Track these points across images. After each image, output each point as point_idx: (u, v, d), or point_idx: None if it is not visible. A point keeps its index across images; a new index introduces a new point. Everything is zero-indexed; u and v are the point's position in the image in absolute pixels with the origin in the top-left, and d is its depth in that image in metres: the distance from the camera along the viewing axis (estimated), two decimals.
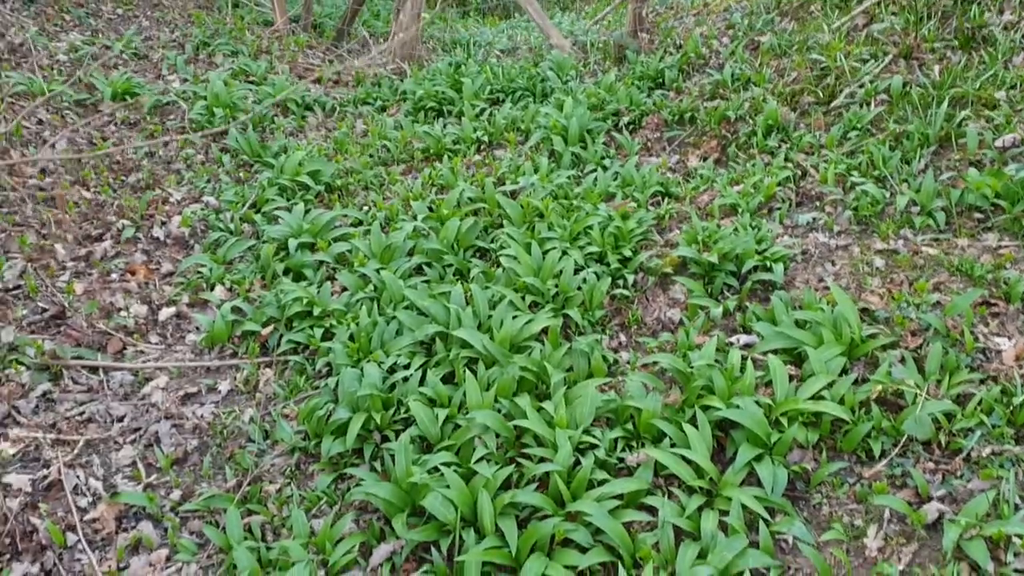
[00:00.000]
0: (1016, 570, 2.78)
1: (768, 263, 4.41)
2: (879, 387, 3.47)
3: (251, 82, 8.35)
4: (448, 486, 3.37)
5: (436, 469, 3.54)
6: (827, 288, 4.16)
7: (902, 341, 3.76)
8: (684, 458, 3.39)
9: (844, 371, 3.68)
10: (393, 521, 3.38)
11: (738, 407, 3.49)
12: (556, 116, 6.31)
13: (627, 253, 4.77)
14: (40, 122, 6.99)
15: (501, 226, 5.30)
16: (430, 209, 5.58)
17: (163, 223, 5.86)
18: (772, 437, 3.43)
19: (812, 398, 3.53)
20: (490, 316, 4.38)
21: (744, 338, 4.09)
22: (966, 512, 2.97)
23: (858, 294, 4.11)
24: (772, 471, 3.30)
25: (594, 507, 3.22)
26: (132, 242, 5.64)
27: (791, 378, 3.70)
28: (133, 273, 5.32)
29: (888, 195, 4.70)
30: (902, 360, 3.64)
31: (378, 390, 3.97)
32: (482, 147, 6.62)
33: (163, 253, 5.62)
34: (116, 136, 7.04)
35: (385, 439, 3.87)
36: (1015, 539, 2.85)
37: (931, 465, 3.28)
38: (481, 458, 3.55)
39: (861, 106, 5.49)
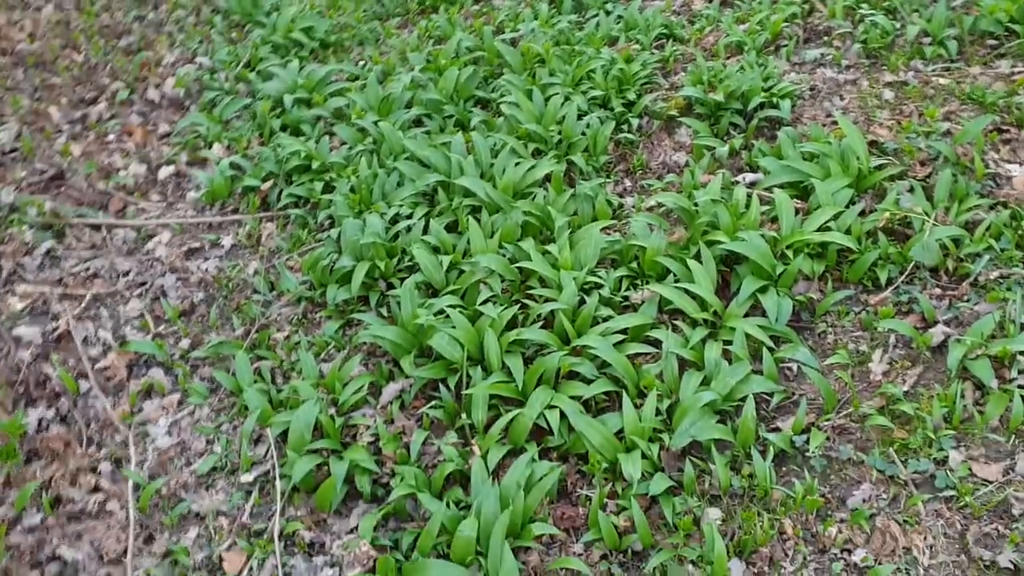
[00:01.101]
0: (1020, 386, 2.80)
1: (775, 100, 4.29)
2: (886, 215, 3.43)
3: None
4: (454, 327, 3.39)
5: (442, 312, 3.54)
6: (835, 123, 4.05)
7: (911, 171, 3.69)
8: (688, 293, 3.38)
9: (851, 203, 3.62)
10: (401, 361, 3.42)
11: (743, 240, 3.45)
12: None
13: (631, 97, 4.65)
14: None
15: (501, 75, 5.15)
16: (427, 60, 5.42)
17: (157, 85, 5.74)
18: (777, 269, 3.40)
19: (818, 229, 3.48)
20: (492, 164, 4.31)
21: (750, 176, 4.02)
22: (972, 333, 2.97)
23: (867, 127, 4.00)
24: (776, 301, 3.29)
25: (599, 341, 3.23)
26: (127, 104, 5.53)
27: (797, 212, 3.64)
28: (130, 134, 5.25)
29: (898, 26, 4.53)
30: (911, 189, 3.58)
31: (381, 239, 3.95)
32: None
33: (159, 114, 5.52)
34: (105, 1, 6.82)
35: (390, 287, 3.86)
36: (1020, 356, 2.86)
37: (938, 291, 3.26)
38: (486, 300, 3.55)
39: None
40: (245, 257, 4.31)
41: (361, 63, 5.76)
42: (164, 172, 4.91)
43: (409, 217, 4.14)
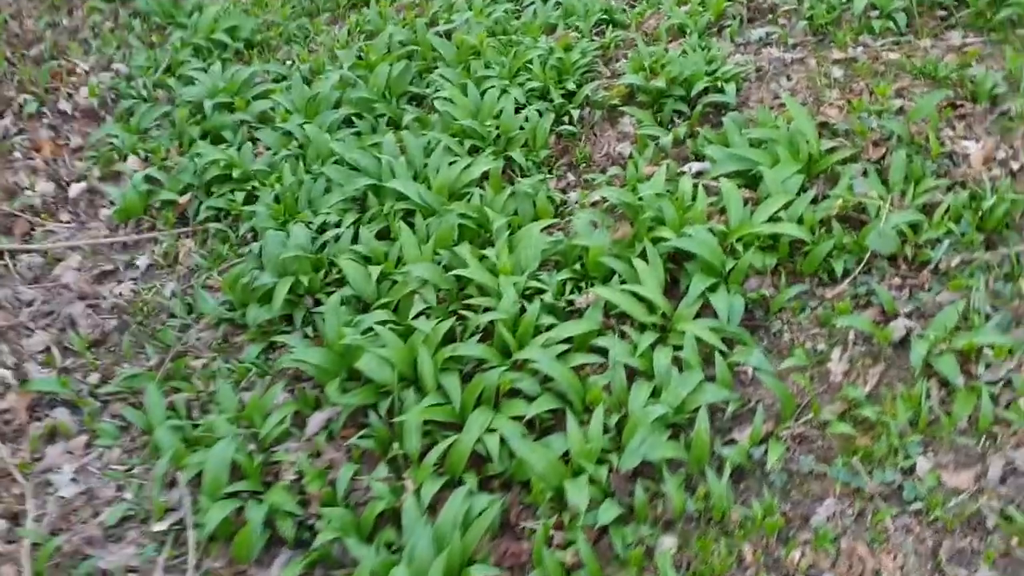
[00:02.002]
0: (988, 382, 2.59)
1: (719, 84, 4.06)
2: (839, 202, 3.20)
3: None
4: (384, 345, 3.12)
5: (371, 329, 3.27)
6: (783, 105, 3.82)
7: (864, 153, 3.47)
8: (636, 295, 3.14)
9: (802, 190, 3.39)
10: (327, 387, 3.14)
11: (690, 236, 3.22)
12: None
13: (571, 87, 4.40)
14: None
15: (436, 69, 4.87)
16: (358, 57, 5.13)
17: (70, 95, 5.36)
18: (727, 265, 3.17)
19: (768, 220, 3.26)
20: (426, 165, 4.04)
21: (696, 165, 3.79)
22: (935, 326, 2.75)
23: (816, 108, 3.79)
24: (727, 300, 3.05)
25: (541, 354, 2.97)
26: (36, 117, 5.16)
27: (746, 202, 3.41)
28: (39, 150, 4.88)
29: (844, 0, 4.32)
30: (864, 173, 3.36)
31: (305, 251, 3.67)
32: None
33: (71, 127, 5.16)
34: (13, 6, 6.42)
35: (318, 303, 3.58)
36: (986, 349, 2.65)
37: (897, 281, 3.04)
38: (419, 313, 3.29)
39: None
40: (162, 278, 4.00)
41: (288, 62, 5.46)
42: (75, 189, 4.57)
43: (337, 225, 3.86)
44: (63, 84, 5.46)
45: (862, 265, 3.10)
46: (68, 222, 4.41)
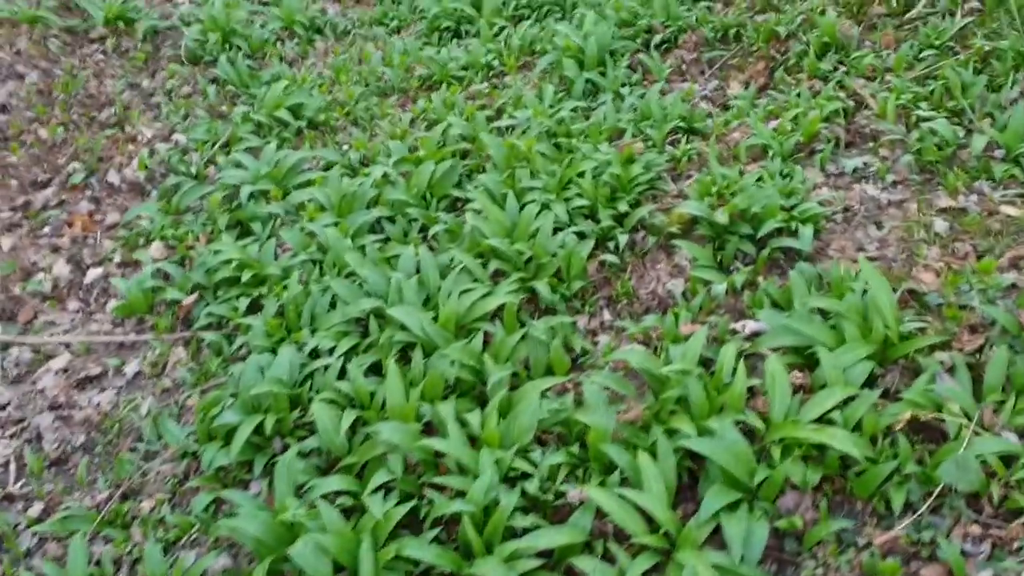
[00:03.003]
0: None
1: (794, 224, 3.40)
2: (909, 412, 2.49)
3: (264, 3, 7.54)
4: (325, 528, 2.61)
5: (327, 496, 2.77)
6: (868, 259, 3.13)
7: (956, 341, 2.75)
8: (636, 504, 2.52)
9: (870, 381, 2.70)
10: (255, 571, 2.64)
11: (714, 437, 2.57)
12: (572, 35, 5.28)
13: (623, 208, 3.82)
14: (18, 52, 6.40)
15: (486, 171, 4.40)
16: (411, 150, 4.71)
17: (122, 165, 5.19)
18: (758, 475, 2.51)
19: (819, 419, 2.58)
20: (440, 288, 3.55)
21: (752, 325, 3.14)
22: None
23: (908, 269, 3.08)
24: (745, 529, 2.38)
25: (503, 574, 2.40)
26: (80, 188, 5.00)
27: (798, 389, 2.75)
28: (70, 225, 4.69)
29: (963, 134, 3.59)
30: (951, 369, 2.64)
31: (285, 384, 3.22)
32: (492, 74, 5.66)
33: (113, 201, 4.96)
34: (99, 66, 6.39)
35: (287, 447, 3.12)
36: None
37: (976, 530, 2.31)
38: (380, 487, 2.77)
39: (943, 17, 4.29)
40: (146, 390, 3.64)
41: (346, 147, 5.11)
42: (91, 275, 4.31)
43: (331, 352, 3.40)
44: (120, 152, 5.30)
45: (931, 500, 2.37)
46: (75, 311, 4.14)
